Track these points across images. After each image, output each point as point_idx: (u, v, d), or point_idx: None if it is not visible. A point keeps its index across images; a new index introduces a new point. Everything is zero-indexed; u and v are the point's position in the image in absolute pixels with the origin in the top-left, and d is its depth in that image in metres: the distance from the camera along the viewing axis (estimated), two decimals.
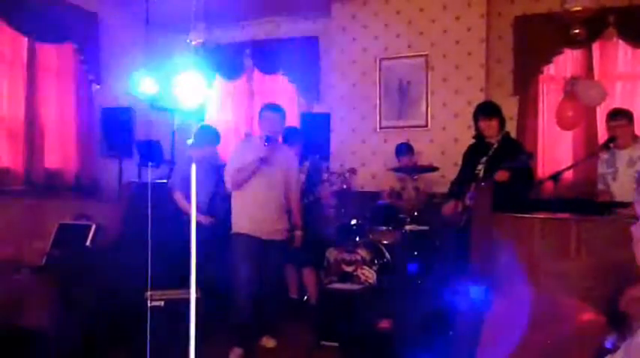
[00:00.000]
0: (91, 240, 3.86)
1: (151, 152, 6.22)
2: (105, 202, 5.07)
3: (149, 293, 3.68)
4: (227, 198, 4.79)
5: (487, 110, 4.21)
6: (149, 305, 3.69)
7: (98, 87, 6.24)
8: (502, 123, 4.19)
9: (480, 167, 4.12)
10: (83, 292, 3.60)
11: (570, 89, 5.35)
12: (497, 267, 3.06)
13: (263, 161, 3.82)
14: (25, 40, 5.49)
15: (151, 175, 6.15)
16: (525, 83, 6.13)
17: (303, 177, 4.81)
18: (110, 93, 6.36)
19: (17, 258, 3.98)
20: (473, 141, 4.42)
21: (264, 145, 3.82)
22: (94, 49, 6.16)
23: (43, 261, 3.68)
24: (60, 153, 5.88)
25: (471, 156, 4.28)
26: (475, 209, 3.64)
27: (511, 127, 6.12)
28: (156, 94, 6.85)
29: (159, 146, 6.30)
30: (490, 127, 4.15)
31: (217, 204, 4.73)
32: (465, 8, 6.10)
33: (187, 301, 3.80)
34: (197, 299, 3.78)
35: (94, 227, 3.90)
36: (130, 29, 6.77)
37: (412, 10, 6.29)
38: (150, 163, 6.06)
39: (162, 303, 3.66)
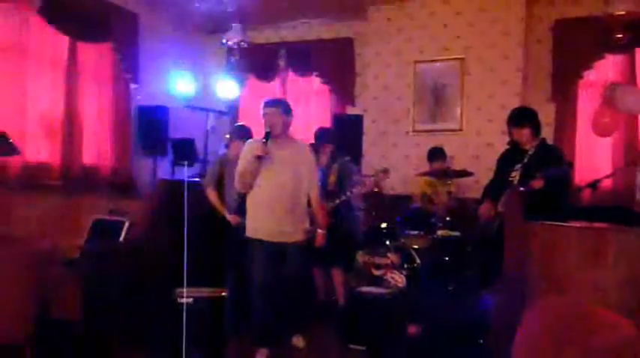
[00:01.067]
0: (125, 236, 3.92)
1: (184, 150, 6.31)
2: (139, 199, 5.13)
3: (179, 290, 3.73)
4: None
5: (518, 118, 4.05)
6: (181, 301, 3.74)
7: (136, 86, 6.35)
8: (536, 129, 4.06)
9: (515, 174, 4.00)
10: (114, 287, 3.66)
11: (609, 95, 5.20)
12: (529, 277, 2.99)
13: (262, 159, 3.59)
14: (65, 39, 5.63)
15: (185, 173, 6.22)
16: (564, 89, 6.00)
17: (333, 178, 4.80)
18: (147, 91, 6.47)
19: (53, 252, 4.07)
20: (507, 146, 4.33)
21: (263, 143, 3.59)
22: (132, 49, 6.28)
23: (78, 254, 3.75)
24: (97, 150, 6.01)
25: (506, 161, 4.17)
26: (507, 216, 3.55)
27: (548, 134, 6.00)
28: (192, 94, 7.00)
29: (193, 145, 6.38)
30: (522, 135, 4.00)
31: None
32: (503, 11, 6.00)
33: (217, 299, 3.86)
34: (223, 298, 3.85)
35: (127, 223, 3.96)
36: (168, 30, 6.89)
37: (448, 13, 6.23)
38: (184, 162, 6.12)
39: (191, 300, 3.70)
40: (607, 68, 5.85)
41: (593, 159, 5.89)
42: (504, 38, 6.03)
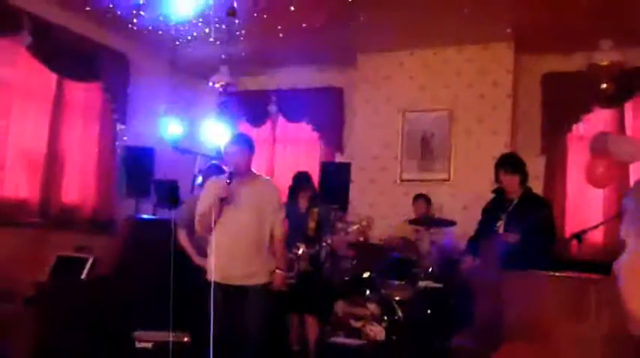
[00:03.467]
0: (87, 273, 3.75)
1: (167, 192, 6.18)
2: (107, 236, 4.98)
3: (138, 333, 3.53)
4: None
5: (510, 164, 3.97)
6: (139, 346, 3.54)
7: (123, 127, 6.31)
8: (524, 178, 3.98)
9: (500, 223, 3.90)
10: (71, 326, 3.46)
11: (599, 145, 5.10)
12: (504, 328, 2.79)
13: (225, 201, 3.39)
14: (54, 76, 5.63)
15: (172, 215, 6.07)
16: (554, 141, 5.94)
17: (313, 224, 4.65)
18: (134, 132, 6.42)
19: (13, 289, 3.89)
20: (493, 195, 4.23)
21: (226, 183, 3.38)
22: (121, 89, 6.28)
23: (34, 292, 3.57)
24: (78, 189, 5.90)
25: (491, 211, 4.06)
26: (482, 264, 3.39)
27: (537, 187, 5.88)
28: (180, 136, 6.95)
29: (176, 187, 6.26)
30: (512, 182, 3.92)
31: None
32: (491, 63, 6.02)
33: (178, 345, 3.63)
34: (186, 344, 3.63)
35: (91, 260, 3.80)
36: (158, 71, 6.91)
37: (437, 62, 6.26)
38: (167, 203, 5.98)
39: (150, 345, 3.49)
40: (597, 121, 5.80)
41: (585, 214, 5.75)
42: (493, 89, 6.02)
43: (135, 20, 5.58)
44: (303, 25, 5.47)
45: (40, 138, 5.54)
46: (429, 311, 4.57)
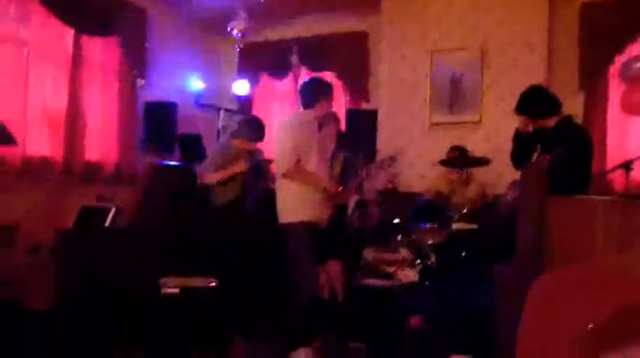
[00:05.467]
0: (111, 222, 3.68)
1: (192, 148, 6.09)
2: (129, 185, 4.91)
3: (164, 279, 3.45)
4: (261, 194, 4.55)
5: (517, 105, 3.86)
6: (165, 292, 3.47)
7: (142, 81, 6.19)
8: (535, 114, 3.76)
9: (535, 154, 3.72)
10: (95, 275, 3.40)
11: (634, 70, 4.75)
12: (545, 256, 2.60)
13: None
14: (71, 32, 5.51)
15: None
16: (593, 77, 5.58)
17: (338, 169, 4.49)
18: (155, 87, 6.31)
19: (39, 241, 3.86)
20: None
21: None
22: (139, 44, 6.14)
23: (59, 241, 3.51)
24: (101, 146, 5.83)
25: (527, 139, 3.87)
26: (523, 189, 3.17)
27: None
28: (202, 91, 6.82)
29: (200, 141, 6.16)
30: (520, 122, 3.84)
31: (250, 199, 4.51)
32: None
33: (205, 289, 3.56)
34: (214, 288, 3.55)
35: (113, 209, 3.72)
36: (178, 25, 6.75)
37: (464, 1, 5.90)
38: (192, 159, 5.88)
39: (176, 291, 3.42)
40: None
41: (627, 151, 5.42)
42: (526, 26, 5.68)
43: None
44: None
45: (60, 96, 5.46)
46: (463, 254, 4.39)
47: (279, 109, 7.24)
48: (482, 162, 4.61)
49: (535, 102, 3.80)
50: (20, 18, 5.10)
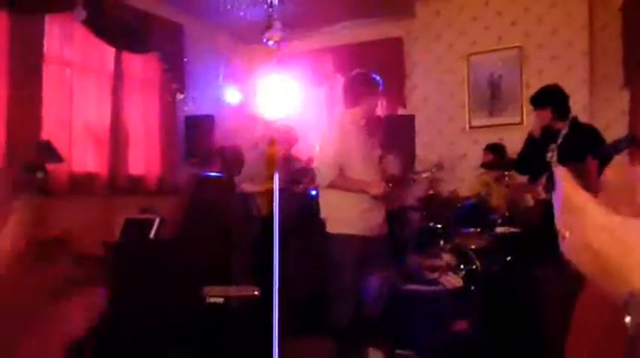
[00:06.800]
0: (155, 233, 3.75)
1: (231, 159, 6.16)
2: (173, 196, 4.99)
3: (208, 288, 3.49)
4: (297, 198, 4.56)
5: (534, 99, 3.86)
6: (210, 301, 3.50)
7: (182, 96, 6.32)
8: (560, 110, 3.74)
9: (551, 154, 3.68)
10: (141, 285, 3.46)
11: None
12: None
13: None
14: (112, 50, 5.68)
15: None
16: (638, 72, 5.39)
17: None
18: (193, 101, 6.42)
19: (85, 253, 3.95)
20: None
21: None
22: (178, 59, 6.27)
23: (104, 252, 3.60)
24: (143, 160, 5.98)
25: (539, 141, 3.82)
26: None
27: (623, 123, 5.43)
28: (239, 102, 6.91)
29: (239, 152, 6.22)
30: (541, 117, 3.78)
31: (286, 203, 4.51)
32: None
33: (249, 299, 3.57)
34: (257, 298, 3.56)
35: (158, 220, 3.79)
36: (213, 39, 6.86)
37: (501, 0, 5.82)
38: (231, 170, 5.96)
39: (221, 300, 3.45)
40: None
41: None
42: (566, 22, 5.55)
43: None
44: None
45: (103, 112, 5.63)
46: (508, 258, 4.28)
47: (317, 116, 7.26)
48: None
49: (562, 97, 3.74)
50: (64, 39, 5.30)
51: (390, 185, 3.40)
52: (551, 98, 3.75)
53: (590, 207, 0.56)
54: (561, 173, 0.60)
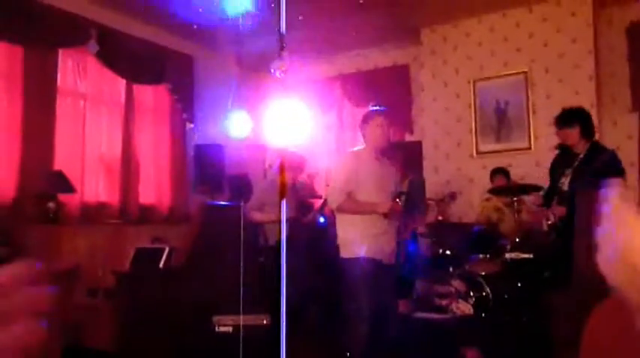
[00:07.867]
0: (164, 262, 3.77)
1: (240, 187, 6.21)
2: (183, 225, 5.03)
3: (217, 317, 3.49)
4: (307, 226, 4.57)
5: (563, 118, 3.80)
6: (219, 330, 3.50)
7: (192, 126, 6.41)
8: (586, 131, 3.72)
9: (564, 179, 3.67)
10: (150, 314, 3.47)
11: None
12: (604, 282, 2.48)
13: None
14: (123, 82, 5.79)
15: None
16: None
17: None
18: (203, 130, 6.50)
19: (96, 284, 3.99)
20: (557, 151, 4.05)
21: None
22: (188, 90, 6.38)
23: (115, 282, 3.63)
24: (154, 189, 6.04)
25: (556, 167, 3.82)
26: (579, 208, 3.08)
27: (632, 146, 5.42)
28: (248, 131, 6.97)
29: (248, 181, 6.27)
30: (569, 136, 3.74)
31: (295, 231, 4.52)
32: (568, 18, 5.57)
33: (258, 327, 3.57)
34: (267, 326, 3.56)
35: (167, 249, 3.82)
36: (223, 69, 6.97)
37: (507, 25, 5.88)
38: (240, 198, 6.00)
39: (229, 329, 3.45)
40: None
41: None
42: (572, 47, 5.58)
43: (196, 21, 5.66)
44: (361, 0, 5.31)
45: (114, 143, 5.72)
46: (519, 284, 4.24)
47: (325, 142, 7.32)
48: (533, 188, 4.50)
49: (588, 116, 3.73)
50: (77, 72, 5.42)
51: (399, 202, 3.44)
52: (579, 117, 3.72)
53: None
54: (615, 184, 0.60)
